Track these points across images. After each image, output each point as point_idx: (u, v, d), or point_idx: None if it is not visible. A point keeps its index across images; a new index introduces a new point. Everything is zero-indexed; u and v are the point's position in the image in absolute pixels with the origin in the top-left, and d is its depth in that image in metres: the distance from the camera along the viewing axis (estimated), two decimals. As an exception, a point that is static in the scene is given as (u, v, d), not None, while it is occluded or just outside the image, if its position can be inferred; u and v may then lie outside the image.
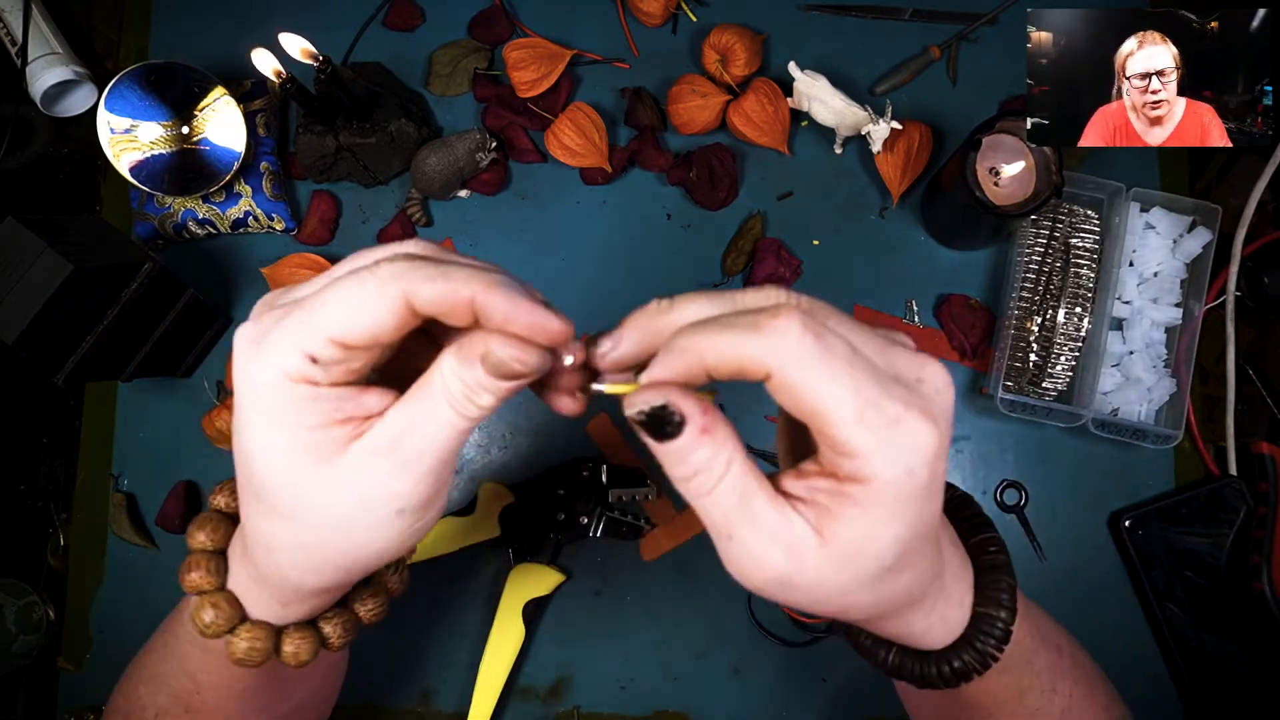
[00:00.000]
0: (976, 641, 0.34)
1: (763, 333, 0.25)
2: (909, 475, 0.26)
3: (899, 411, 0.26)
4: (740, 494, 0.27)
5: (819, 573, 0.28)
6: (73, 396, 0.71)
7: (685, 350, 0.27)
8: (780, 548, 0.27)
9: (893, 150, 0.67)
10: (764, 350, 0.25)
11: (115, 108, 0.65)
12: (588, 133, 0.68)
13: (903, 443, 0.26)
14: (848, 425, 0.25)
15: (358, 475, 0.28)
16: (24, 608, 0.67)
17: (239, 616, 0.34)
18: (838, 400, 0.25)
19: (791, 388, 0.26)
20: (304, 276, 0.66)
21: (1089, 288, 0.67)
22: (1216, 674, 0.65)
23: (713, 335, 0.26)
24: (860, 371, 0.26)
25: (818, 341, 0.25)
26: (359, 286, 0.27)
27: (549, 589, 0.65)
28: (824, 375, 0.25)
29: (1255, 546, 0.64)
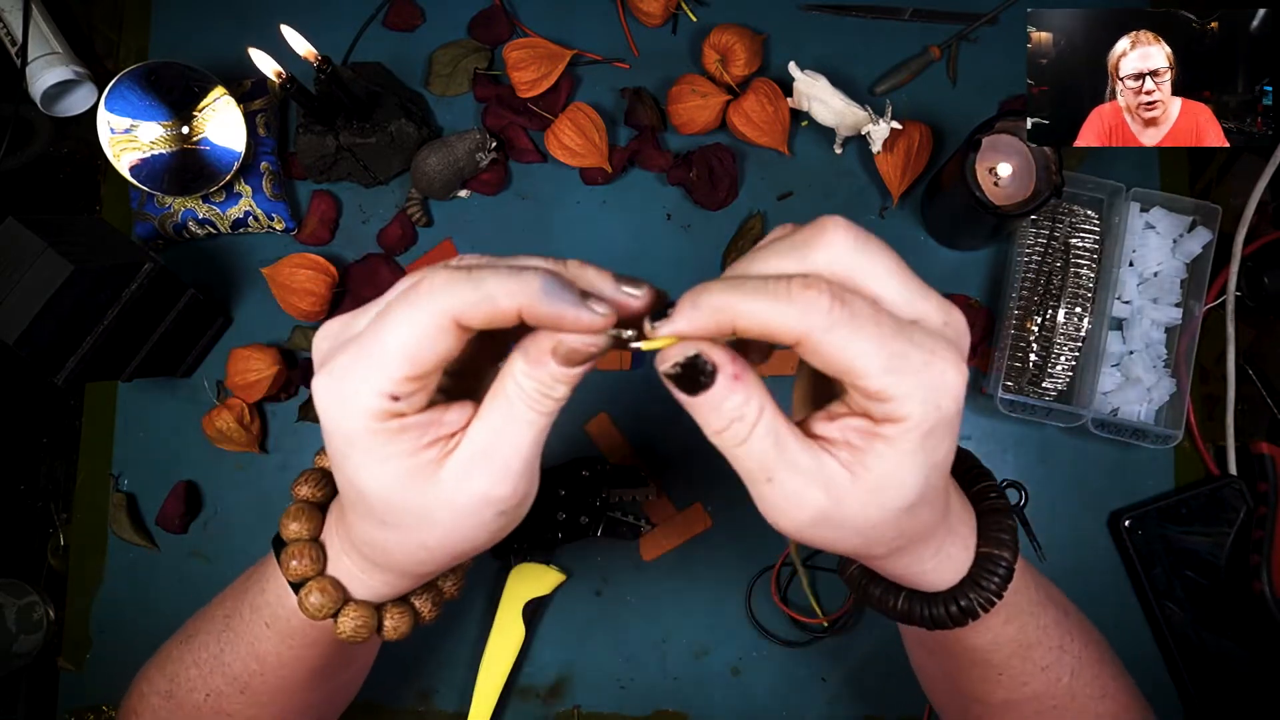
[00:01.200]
0: (981, 580, 0.35)
1: (795, 303, 0.27)
2: (937, 410, 0.28)
3: (925, 357, 0.28)
4: (775, 439, 0.29)
5: (852, 507, 0.29)
6: (73, 396, 0.71)
7: (717, 310, 0.28)
8: (818, 486, 0.29)
9: (893, 150, 0.67)
10: (795, 319, 0.27)
11: (115, 108, 0.65)
12: (588, 133, 0.68)
13: (932, 382, 0.28)
14: (878, 376, 0.27)
15: (459, 488, 0.31)
16: (24, 608, 0.67)
17: (343, 598, 0.37)
18: (866, 356, 0.27)
19: (820, 351, 0.28)
20: (304, 276, 0.66)
21: (1089, 288, 0.67)
22: (1216, 674, 0.65)
23: (747, 299, 0.28)
24: (885, 327, 0.28)
25: (845, 309, 0.27)
26: (410, 318, 0.28)
27: (549, 589, 0.65)
28: (851, 337, 0.27)
29: (1255, 546, 0.64)
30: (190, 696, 0.43)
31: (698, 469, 0.68)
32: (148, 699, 0.45)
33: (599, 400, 0.69)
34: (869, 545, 0.32)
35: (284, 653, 0.40)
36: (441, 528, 0.32)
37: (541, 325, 0.29)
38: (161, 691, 0.44)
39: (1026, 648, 0.39)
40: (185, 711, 0.43)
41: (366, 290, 0.69)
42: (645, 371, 0.69)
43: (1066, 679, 0.40)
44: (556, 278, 0.28)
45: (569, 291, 0.28)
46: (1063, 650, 0.40)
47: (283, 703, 0.43)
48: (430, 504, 0.31)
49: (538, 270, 0.28)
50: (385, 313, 0.29)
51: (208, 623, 0.44)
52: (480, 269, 0.29)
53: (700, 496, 0.68)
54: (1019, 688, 0.40)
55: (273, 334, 0.71)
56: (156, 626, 0.68)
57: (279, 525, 0.39)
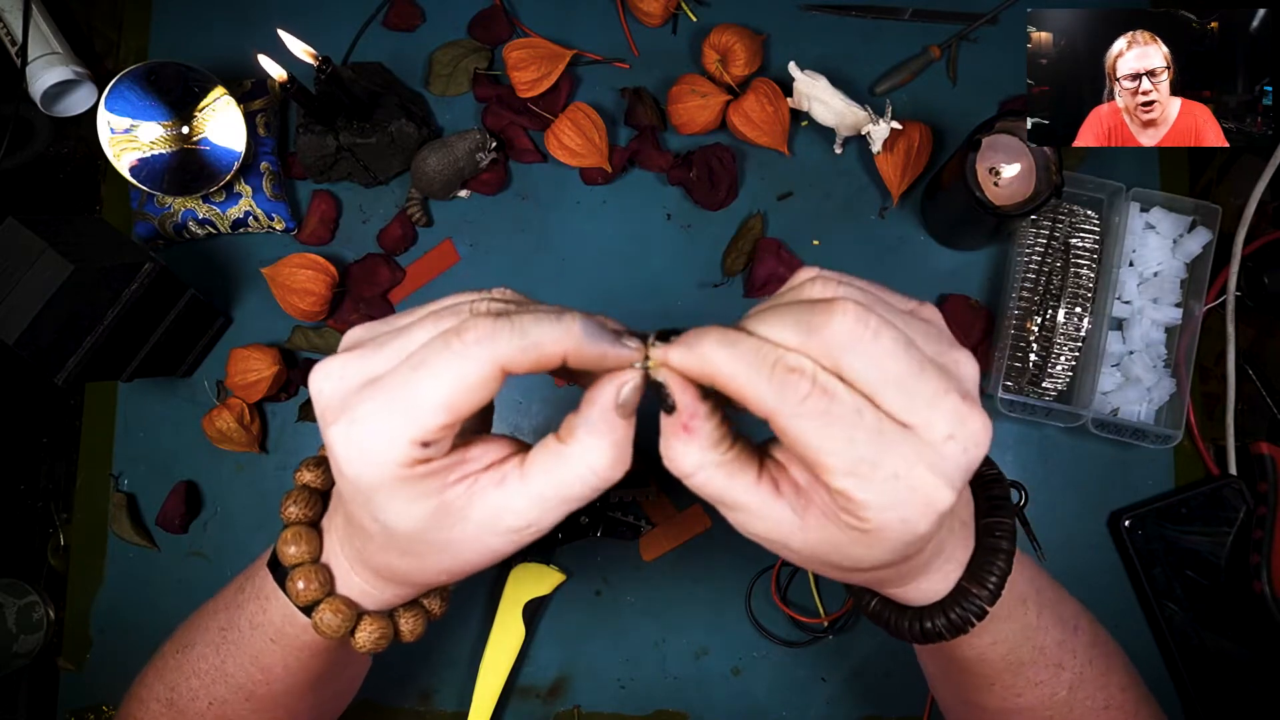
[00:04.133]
0: (951, 611, 0.35)
1: (773, 381, 0.27)
2: (903, 524, 0.28)
3: (899, 468, 0.27)
4: (712, 492, 0.30)
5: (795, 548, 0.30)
6: (73, 396, 0.71)
7: (704, 359, 0.28)
8: (761, 523, 0.30)
9: (893, 150, 0.67)
10: (768, 396, 0.27)
11: (115, 108, 0.65)
12: (588, 133, 0.68)
13: (901, 496, 0.27)
14: (840, 475, 0.27)
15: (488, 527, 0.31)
16: (24, 608, 0.67)
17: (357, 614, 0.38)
18: (829, 454, 0.27)
19: (785, 435, 0.28)
20: (304, 276, 0.66)
21: (1089, 288, 0.67)
22: (1216, 674, 0.65)
23: (732, 361, 0.28)
24: (860, 431, 0.27)
25: (821, 401, 0.27)
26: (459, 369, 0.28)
27: (549, 589, 0.65)
28: (818, 433, 0.27)
29: (1255, 546, 0.64)
30: (193, 705, 0.43)
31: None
32: (148, 705, 0.45)
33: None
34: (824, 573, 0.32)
35: (291, 663, 0.40)
36: (465, 557, 0.33)
37: (585, 366, 0.30)
38: (162, 699, 0.44)
39: (1018, 665, 0.39)
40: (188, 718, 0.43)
41: (366, 290, 0.69)
42: (645, 371, 0.69)
43: (1064, 693, 0.40)
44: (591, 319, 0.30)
45: (606, 331, 0.30)
46: (1060, 668, 0.40)
47: (288, 707, 0.43)
48: (456, 539, 0.32)
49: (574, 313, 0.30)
50: (422, 360, 0.29)
51: (203, 633, 0.43)
52: (521, 315, 0.29)
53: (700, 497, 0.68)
54: (1012, 699, 0.40)
55: (273, 334, 0.71)
56: (156, 626, 0.68)
57: (276, 549, 0.38)
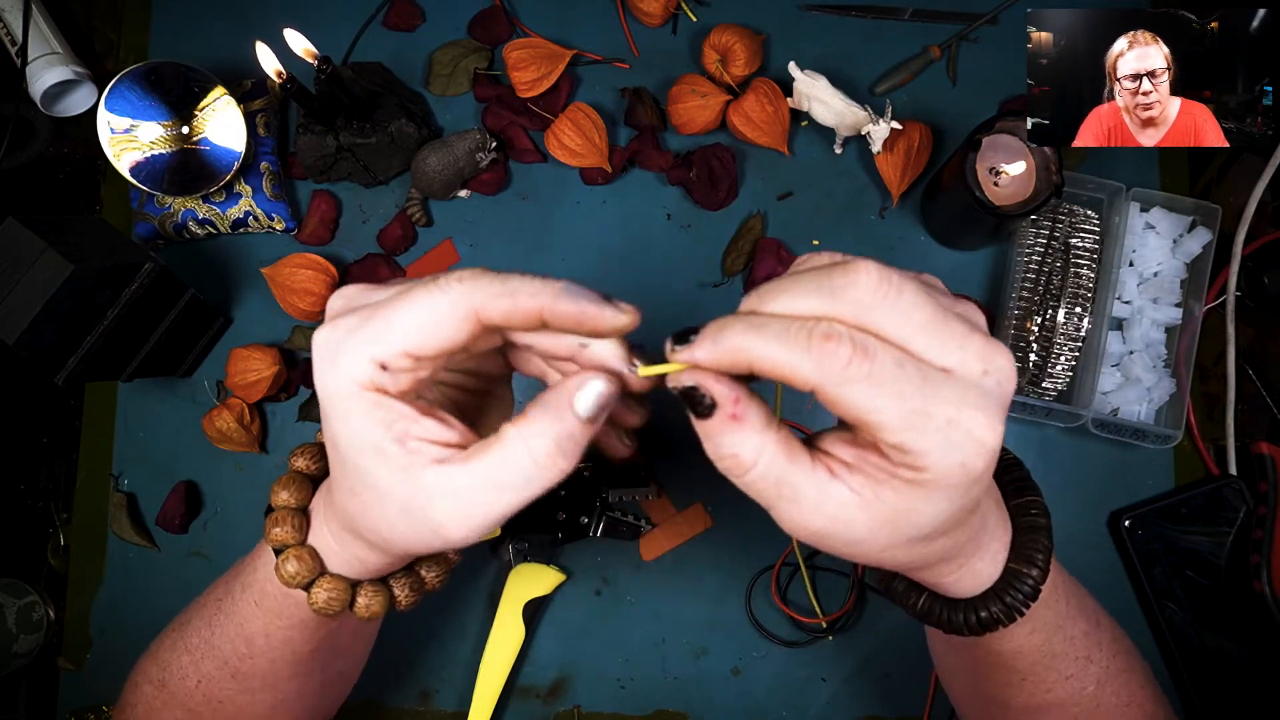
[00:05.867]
0: (1005, 595, 0.35)
1: (811, 353, 0.27)
2: (962, 468, 0.28)
3: (950, 413, 0.27)
4: (775, 478, 0.29)
5: (859, 533, 0.29)
6: (73, 396, 0.71)
7: (736, 350, 0.28)
8: (821, 516, 0.29)
9: (893, 150, 0.67)
10: (810, 369, 0.27)
11: (115, 108, 0.65)
12: (588, 133, 0.68)
13: (957, 439, 0.27)
14: (896, 430, 0.27)
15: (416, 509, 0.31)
16: (24, 608, 0.67)
17: (319, 569, 0.37)
18: (882, 412, 0.27)
19: (835, 404, 0.27)
20: (304, 276, 0.66)
21: (1089, 288, 0.67)
22: (1216, 674, 0.65)
23: (765, 342, 0.27)
24: (907, 383, 0.27)
25: (865, 362, 0.26)
26: (432, 301, 0.29)
27: (549, 589, 0.65)
28: (867, 392, 0.27)
29: (1255, 546, 0.64)
30: (182, 684, 0.43)
31: (698, 469, 0.68)
32: (141, 688, 0.45)
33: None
34: (880, 563, 0.32)
35: (272, 633, 0.40)
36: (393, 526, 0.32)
37: (564, 326, 0.30)
38: (154, 680, 0.44)
39: (1051, 657, 0.39)
40: (178, 699, 0.43)
41: (366, 290, 0.69)
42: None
43: (1091, 688, 0.40)
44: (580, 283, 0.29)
45: (592, 292, 0.29)
46: (1089, 661, 0.40)
47: (272, 689, 0.42)
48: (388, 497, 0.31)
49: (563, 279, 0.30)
50: (407, 290, 0.30)
51: (200, 610, 0.44)
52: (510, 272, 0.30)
53: (700, 496, 0.68)
54: (1042, 694, 0.40)
55: (273, 334, 0.71)
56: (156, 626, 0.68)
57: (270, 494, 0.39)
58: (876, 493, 0.28)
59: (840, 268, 0.28)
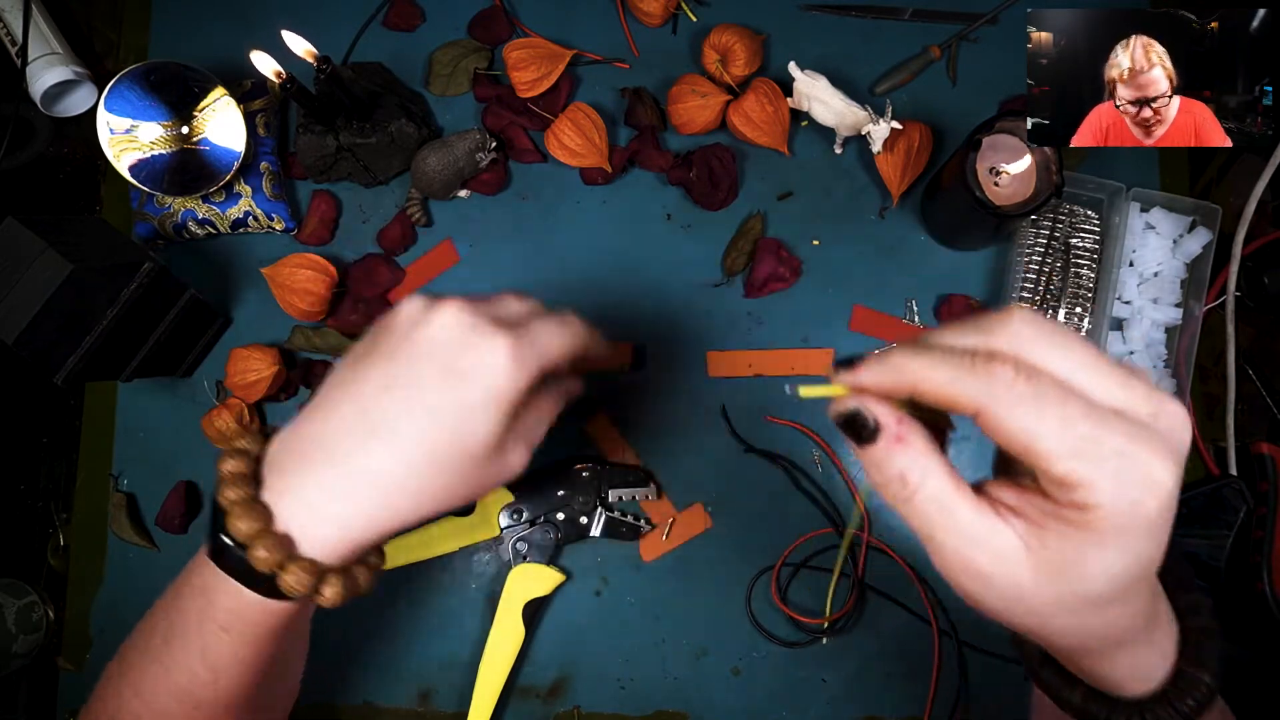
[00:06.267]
0: (1176, 699, 0.32)
1: (976, 376, 0.27)
2: (1133, 506, 0.26)
3: (1121, 444, 0.26)
4: (939, 504, 0.29)
5: (1024, 583, 0.28)
6: (73, 396, 0.71)
7: (900, 369, 0.29)
8: (984, 554, 0.28)
9: (893, 150, 0.67)
10: (975, 389, 0.27)
11: (115, 108, 0.65)
12: (588, 133, 0.68)
13: (1128, 474, 0.26)
14: (1062, 459, 0.26)
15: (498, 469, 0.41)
16: (24, 608, 0.67)
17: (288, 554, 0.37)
18: (1049, 436, 0.26)
19: (1000, 428, 0.27)
20: (304, 276, 0.66)
21: (1089, 288, 0.67)
22: (1216, 674, 0.65)
23: (931, 365, 0.28)
24: (1074, 409, 0.26)
25: (1029, 385, 0.27)
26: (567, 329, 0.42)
27: (549, 589, 0.65)
28: (1033, 415, 0.26)
29: (1255, 547, 0.64)
30: None
31: (698, 469, 0.68)
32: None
33: (599, 400, 0.69)
34: (1046, 630, 0.30)
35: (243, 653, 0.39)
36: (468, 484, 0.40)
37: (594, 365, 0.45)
38: None
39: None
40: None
41: (366, 290, 0.69)
42: (645, 372, 0.69)
43: None
44: None
45: None
46: None
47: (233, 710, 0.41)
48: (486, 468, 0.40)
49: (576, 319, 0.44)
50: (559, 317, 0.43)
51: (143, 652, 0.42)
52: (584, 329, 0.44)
53: (700, 496, 0.68)
54: None
55: (272, 334, 0.71)
56: (156, 626, 0.68)
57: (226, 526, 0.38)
58: (1042, 538, 0.27)
59: (995, 314, 0.29)
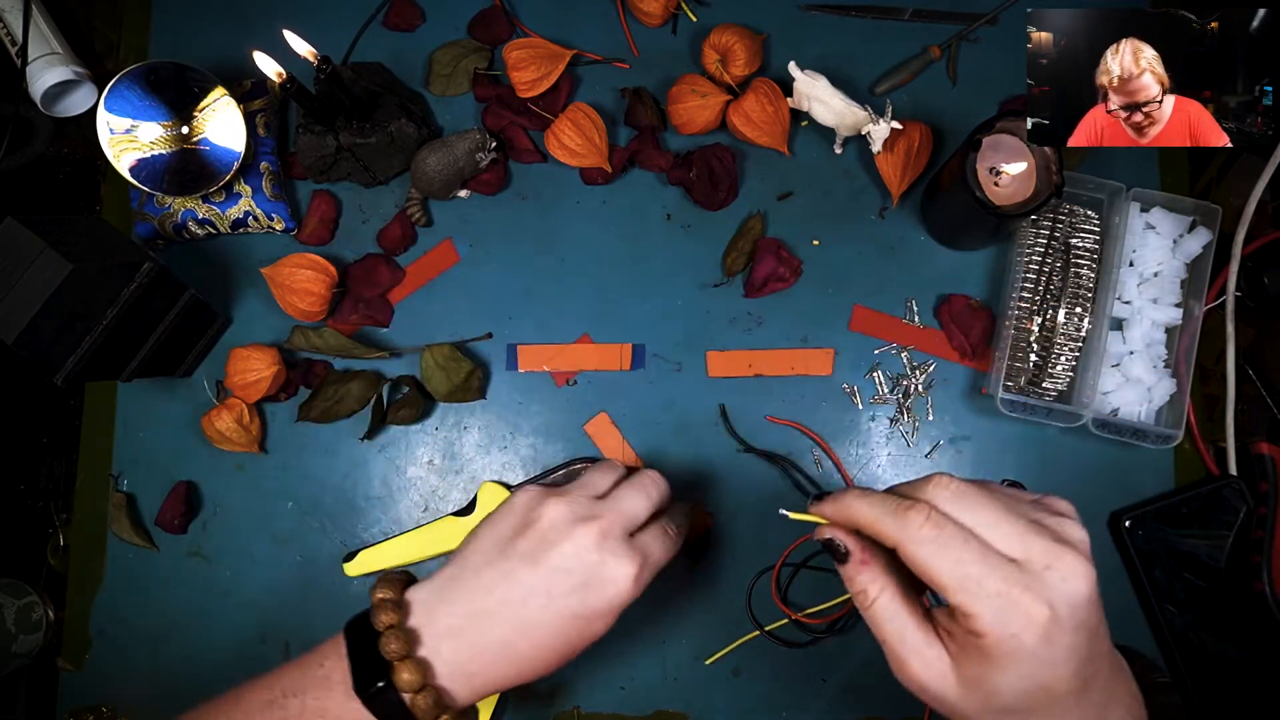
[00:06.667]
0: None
1: (895, 518, 0.36)
2: (1012, 638, 0.34)
3: (1000, 587, 0.34)
4: (890, 614, 0.38)
5: (952, 692, 0.36)
6: (73, 396, 0.71)
7: (845, 508, 0.39)
8: (918, 662, 0.37)
9: (893, 150, 0.67)
10: (892, 528, 0.36)
11: (115, 108, 0.65)
12: (588, 133, 0.68)
13: (1006, 612, 0.34)
14: (953, 592, 0.34)
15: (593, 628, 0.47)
16: (24, 608, 0.67)
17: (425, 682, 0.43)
18: (941, 573, 0.35)
19: (909, 560, 0.36)
20: (304, 276, 0.66)
21: (1089, 288, 0.67)
22: (1216, 674, 0.65)
23: (866, 506, 0.38)
24: (968, 554, 0.34)
25: (935, 530, 0.35)
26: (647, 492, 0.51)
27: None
28: (932, 554, 0.35)
29: (1255, 547, 0.64)
30: None
31: (698, 469, 0.68)
32: None
33: (599, 400, 0.69)
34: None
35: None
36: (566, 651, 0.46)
37: None
38: None
39: None
40: None
41: (366, 290, 0.69)
42: (646, 372, 0.69)
43: None
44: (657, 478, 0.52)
45: None
46: None
47: None
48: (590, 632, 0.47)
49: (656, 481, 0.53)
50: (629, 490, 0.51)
51: None
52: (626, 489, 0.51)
53: (700, 496, 0.68)
54: None
55: (272, 334, 0.71)
56: (156, 626, 0.68)
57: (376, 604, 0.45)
58: (961, 656, 0.35)
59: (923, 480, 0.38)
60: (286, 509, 0.69)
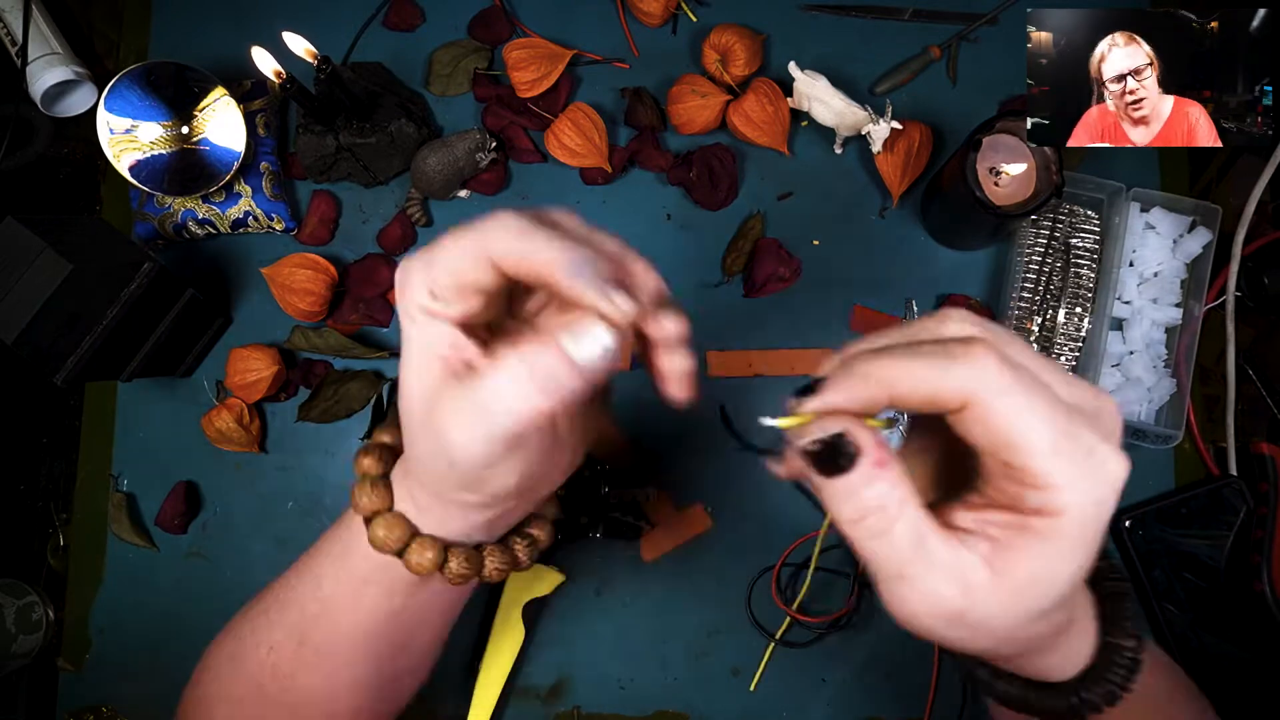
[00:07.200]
0: (1107, 674, 0.32)
1: (959, 362, 0.25)
2: (1097, 507, 0.26)
3: (1092, 441, 0.25)
4: (915, 533, 0.26)
5: (990, 609, 0.27)
6: (73, 396, 0.71)
7: (870, 377, 0.26)
8: (955, 585, 0.26)
9: (893, 150, 0.67)
10: (963, 380, 0.25)
11: (115, 108, 0.65)
12: (588, 133, 0.68)
13: (1096, 473, 0.25)
14: (1044, 456, 0.25)
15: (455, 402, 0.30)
16: (24, 608, 0.67)
17: (411, 532, 0.36)
18: (1035, 431, 0.25)
19: (989, 419, 0.25)
20: (304, 276, 0.66)
21: (1089, 288, 0.67)
22: (1216, 674, 0.65)
23: (905, 363, 0.26)
24: (1053, 402, 0.25)
25: (1015, 372, 0.25)
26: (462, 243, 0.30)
27: (549, 589, 0.65)
28: (1023, 406, 0.25)
29: (1255, 547, 0.64)
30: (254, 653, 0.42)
31: (698, 469, 0.68)
32: (212, 666, 0.44)
33: (599, 400, 0.69)
34: (999, 646, 0.29)
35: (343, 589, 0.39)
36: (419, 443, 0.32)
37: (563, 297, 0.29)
38: (227, 653, 0.44)
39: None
40: (246, 672, 0.42)
41: (366, 290, 0.69)
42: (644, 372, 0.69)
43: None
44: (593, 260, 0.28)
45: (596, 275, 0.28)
46: None
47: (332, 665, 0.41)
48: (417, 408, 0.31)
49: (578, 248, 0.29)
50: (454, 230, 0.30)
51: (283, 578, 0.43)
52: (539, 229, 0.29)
53: (700, 496, 0.68)
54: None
55: (272, 334, 0.71)
56: (156, 626, 0.68)
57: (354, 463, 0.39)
58: (1006, 557, 0.26)
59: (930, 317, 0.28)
60: (286, 509, 0.69)
